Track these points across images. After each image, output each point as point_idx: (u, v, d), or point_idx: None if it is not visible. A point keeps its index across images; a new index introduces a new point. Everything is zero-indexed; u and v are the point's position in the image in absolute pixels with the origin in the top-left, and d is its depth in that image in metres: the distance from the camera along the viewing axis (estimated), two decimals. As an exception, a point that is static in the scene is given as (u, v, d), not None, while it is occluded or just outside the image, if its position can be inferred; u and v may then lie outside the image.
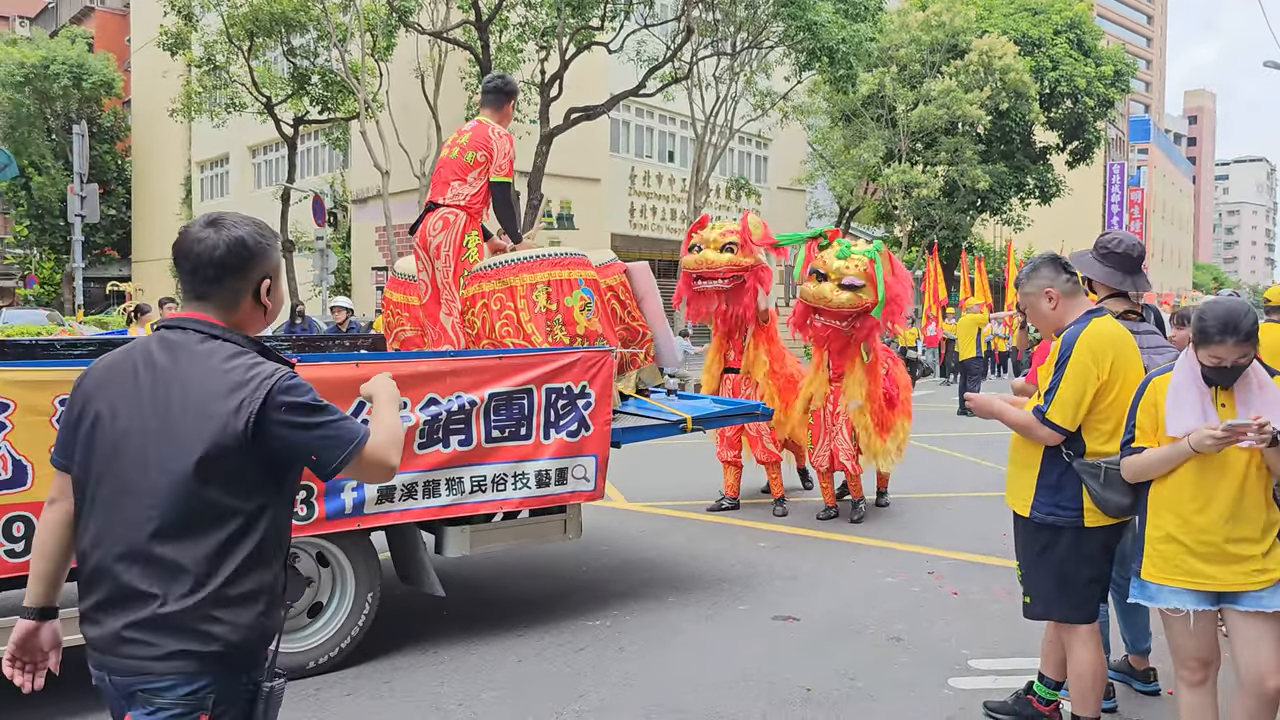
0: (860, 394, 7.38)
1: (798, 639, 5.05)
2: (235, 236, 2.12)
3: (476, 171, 5.33)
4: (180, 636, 1.96)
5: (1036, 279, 3.69)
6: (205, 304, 2.14)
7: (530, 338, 5.14)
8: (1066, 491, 3.53)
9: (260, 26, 22.96)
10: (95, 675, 2.05)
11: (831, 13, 19.72)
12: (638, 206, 28.06)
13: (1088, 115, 32.72)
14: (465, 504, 4.69)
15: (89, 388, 2.14)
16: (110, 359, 2.16)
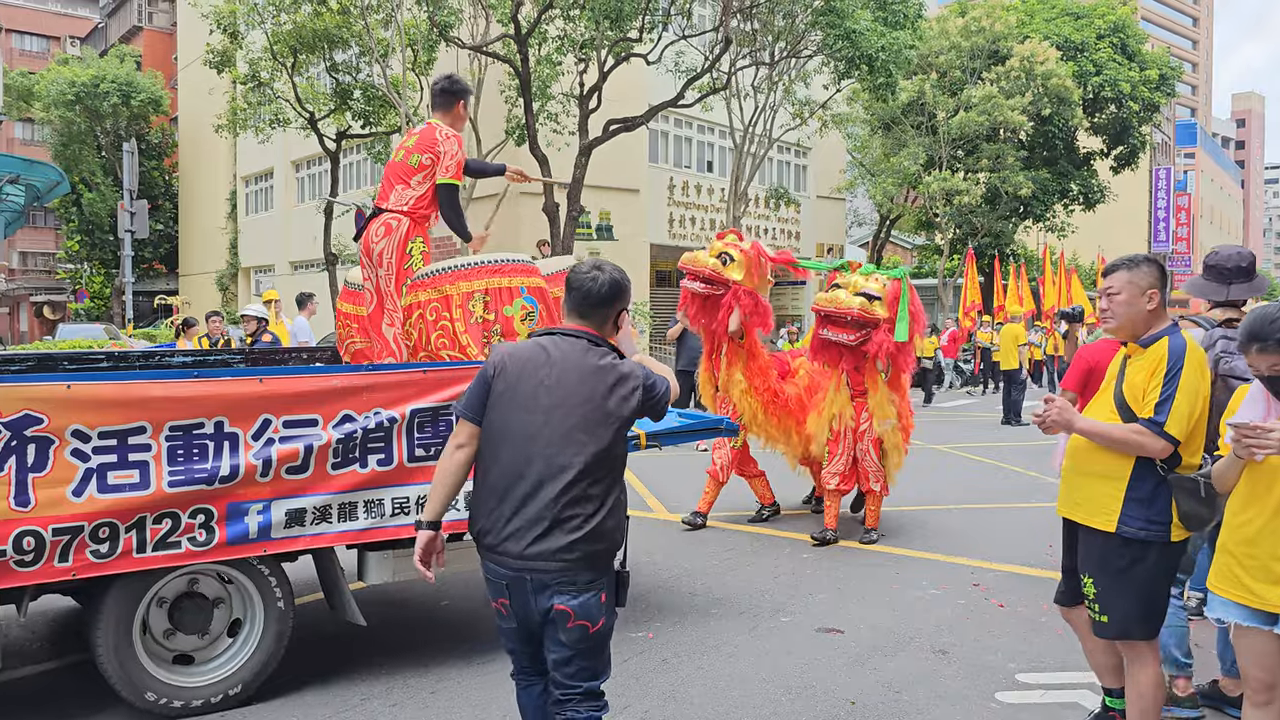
0: (892, 413, 7.29)
1: (841, 651, 5.02)
2: (613, 278, 3.13)
3: (421, 175, 5.15)
4: (591, 543, 2.91)
5: (1145, 274, 3.50)
6: (586, 321, 3.11)
7: (466, 350, 4.87)
8: (1158, 505, 3.42)
9: (304, 43, 23.29)
10: (509, 576, 2.93)
11: (870, 21, 19.63)
12: (677, 217, 28.09)
13: (1132, 120, 32.27)
14: (386, 528, 4.38)
15: (503, 366, 3.04)
16: (518, 348, 3.09)
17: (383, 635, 5.27)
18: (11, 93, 37.09)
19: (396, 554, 4.60)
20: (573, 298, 3.12)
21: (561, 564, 2.89)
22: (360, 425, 4.30)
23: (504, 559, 2.94)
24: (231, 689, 4.25)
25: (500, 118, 21.41)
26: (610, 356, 3.05)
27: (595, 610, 2.95)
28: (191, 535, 3.98)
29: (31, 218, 36.32)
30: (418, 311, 5.01)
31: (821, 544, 7.28)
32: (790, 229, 31.77)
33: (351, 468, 4.29)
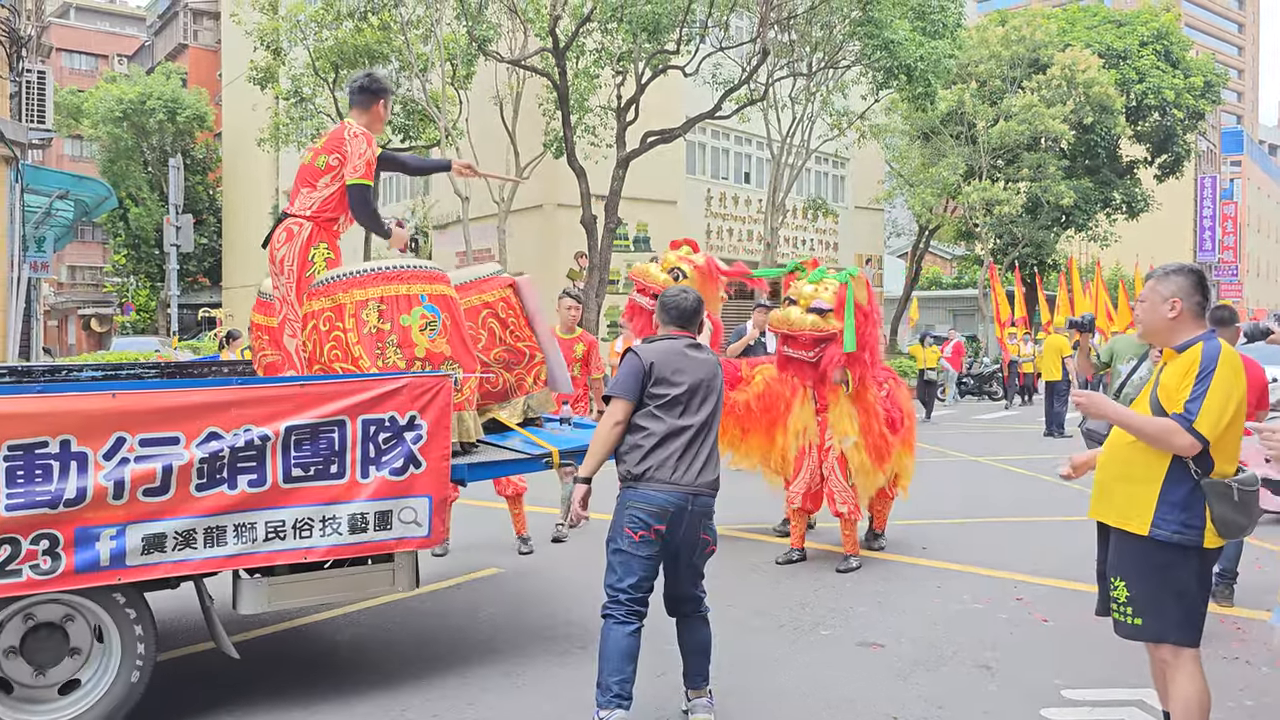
0: (852, 429, 6.77)
1: (883, 665, 4.97)
2: (696, 296, 4.26)
3: (329, 176, 4.92)
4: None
5: (1169, 283, 3.57)
6: (686, 328, 4.23)
7: (358, 362, 4.59)
8: (1193, 510, 3.40)
9: (345, 59, 23.60)
10: (685, 503, 3.98)
11: (909, 30, 19.54)
12: (714, 228, 28.06)
13: (1177, 128, 31.87)
14: (258, 553, 4.06)
15: (652, 358, 4.04)
16: (660, 347, 4.09)
17: (423, 646, 5.29)
18: (61, 110, 37.86)
19: (273, 582, 4.30)
20: (669, 313, 4.23)
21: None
22: (228, 443, 3.97)
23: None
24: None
25: (539, 131, 21.53)
26: (710, 353, 4.26)
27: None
28: (34, 563, 3.66)
29: (80, 232, 36.98)
30: (312, 322, 4.75)
31: (788, 562, 7.05)
32: (828, 240, 31.63)
33: (219, 489, 3.97)
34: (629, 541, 3.96)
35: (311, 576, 4.45)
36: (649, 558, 3.99)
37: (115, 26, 60.59)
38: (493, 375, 5.33)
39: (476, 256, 22.47)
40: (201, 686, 4.70)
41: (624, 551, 3.99)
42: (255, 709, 4.38)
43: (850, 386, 6.75)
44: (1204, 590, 3.52)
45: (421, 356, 4.64)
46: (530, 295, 5.57)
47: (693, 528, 4.02)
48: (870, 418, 6.85)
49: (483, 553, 7.30)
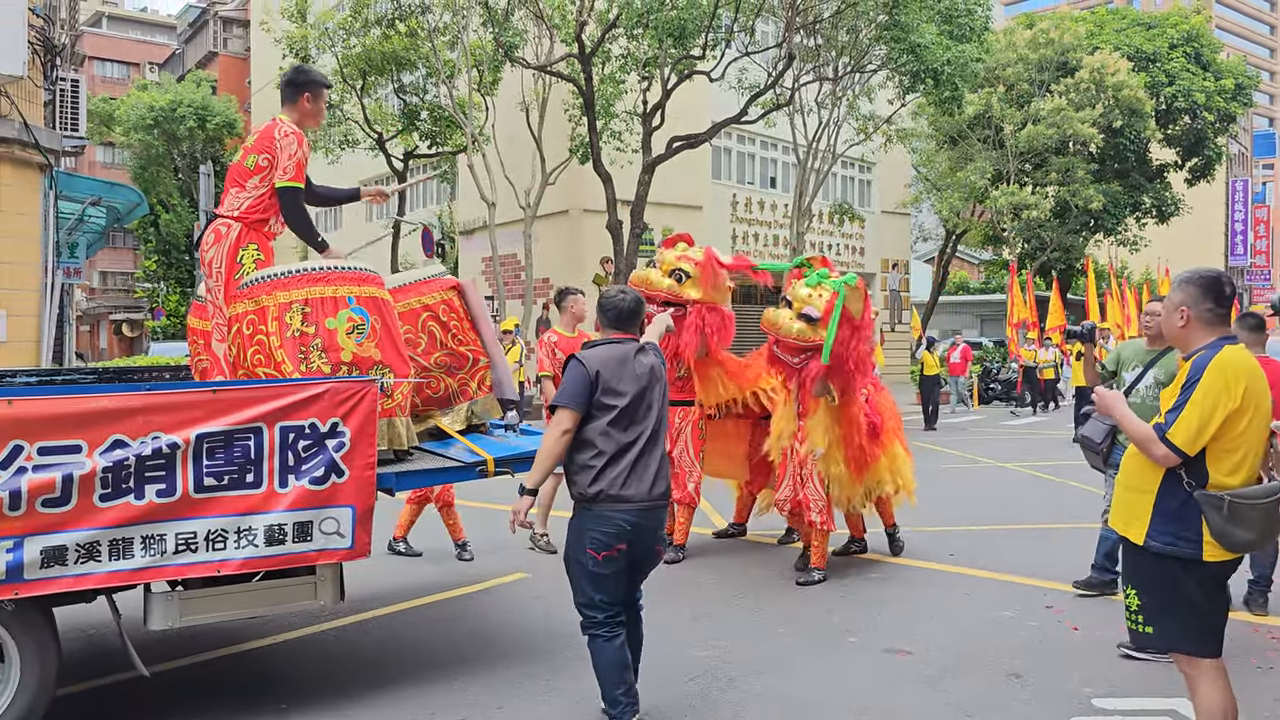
0: (822, 440, 6.51)
1: (911, 673, 4.94)
2: (634, 297, 4.22)
3: (258, 177, 4.72)
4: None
5: (1178, 292, 3.57)
6: (628, 330, 4.17)
7: (280, 367, 4.40)
8: (1187, 521, 3.38)
9: (372, 66, 23.77)
10: (642, 519, 3.96)
11: (935, 34, 19.44)
12: (740, 233, 28.03)
13: (1207, 131, 31.51)
14: (168, 566, 3.87)
15: (598, 367, 3.95)
16: (604, 354, 4.01)
17: (452, 649, 5.31)
18: (94, 118, 38.31)
19: (184, 596, 4.13)
20: (607, 314, 4.16)
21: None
22: (134, 452, 3.78)
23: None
24: None
25: (564, 136, 21.59)
26: (652, 349, 4.23)
27: None
28: None
29: (111, 238, 37.40)
30: (236, 325, 4.58)
31: (809, 582, 6.71)
32: (854, 244, 31.52)
33: (125, 499, 3.77)
34: (594, 561, 3.93)
35: (225, 590, 4.23)
36: (616, 573, 3.98)
37: (147, 35, 61.26)
38: (433, 380, 5.19)
39: (503, 262, 22.56)
40: (228, 690, 4.74)
41: (591, 571, 3.95)
42: (285, 710, 4.41)
43: (834, 399, 6.46)
44: (1216, 602, 3.48)
45: (348, 361, 4.46)
46: (476, 298, 5.39)
47: (649, 541, 4.03)
48: (851, 429, 6.56)
49: (510, 557, 7.31)
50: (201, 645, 5.31)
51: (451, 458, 4.85)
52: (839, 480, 6.63)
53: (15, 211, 11.67)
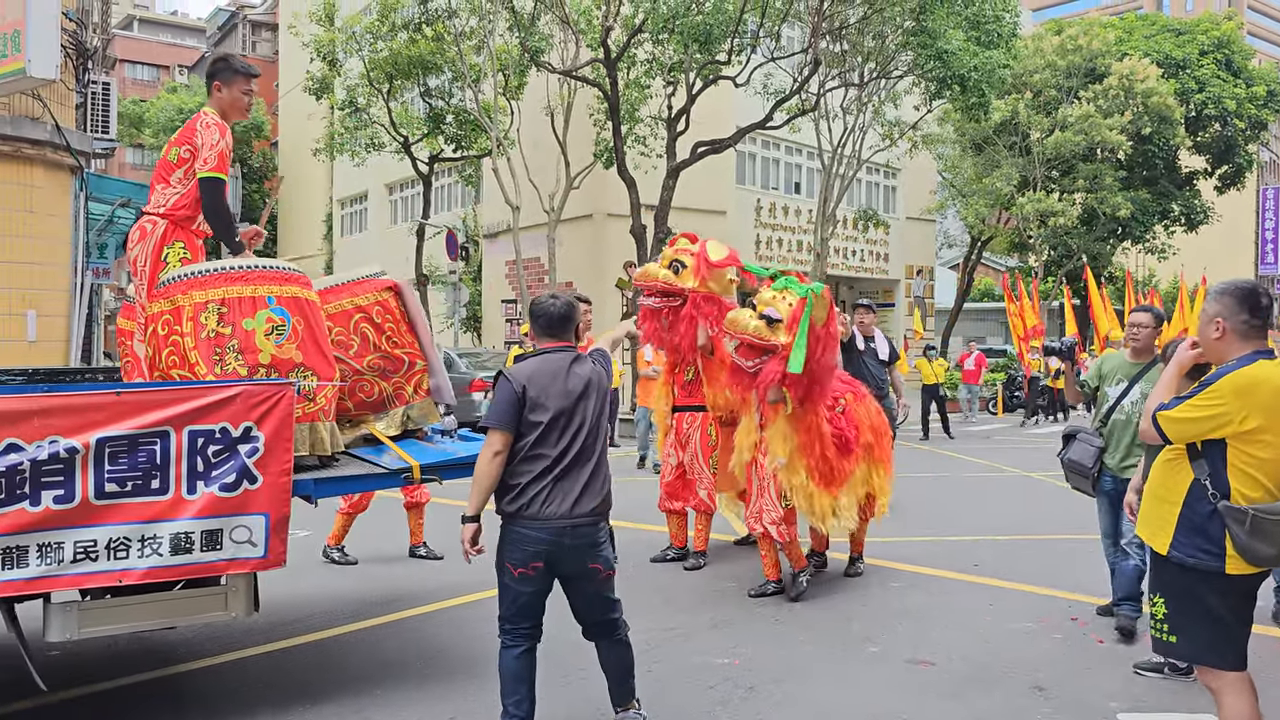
0: (783, 450, 6.16)
1: (932, 684, 4.90)
2: (565, 302, 4.05)
3: (182, 170, 4.56)
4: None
5: (1214, 304, 3.52)
6: (560, 337, 4.01)
7: (194, 369, 4.24)
8: (1210, 534, 3.37)
9: (399, 70, 23.91)
10: (560, 538, 3.81)
11: (962, 40, 19.37)
12: (764, 238, 27.99)
13: (1238, 138, 31.20)
14: (65, 576, 3.71)
15: (524, 381, 3.83)
16: (532, 368, 3.89)
17: (473, 650, 5.32)
18: (124, 120, 38.70)
19: (83, 607, 3.95)
20: (537, 322, 4.02)
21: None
22: (29, 456, 3.62)
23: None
24: None
25: (589, 141, 21.64)
26: (585, 360, 4.04)
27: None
28: None
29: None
30: (152, 326, 4.42)
31: (760, 595, 6.49)
32: (879, 250, 31.40)
33: (18, 505, 3.61)
34: (510, 576, 3.85)
35: (129, 601, 4.01)
36: (533, 591, 3.87)
37: (176, 38, 61.87)
38: (366, 383, 5.02)
39: (526, 266, 22.61)
40: (252, 690, 4.76)
41: (507, 584, 3.88)
42: (307, 712, 4.43)
43: (789, 407, 6.10)
44: (1240, 614, 3.45)
45: (266, 363, 4.29)
46: (413, 300, 5.22)
47: (576, 560, 3.87)
48: (812, 438, 6.17)
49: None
50: (225, 646, 5.35)
51: (380, 464, 4.69)
52: (801, 492, 6.19)
53: (46, 213, 11.81)
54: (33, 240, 11.52)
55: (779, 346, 5.89)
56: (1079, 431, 5.87)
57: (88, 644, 4.86)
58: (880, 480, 6.90)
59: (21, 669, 3.85)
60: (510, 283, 26.00)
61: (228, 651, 5.30)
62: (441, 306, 25.84)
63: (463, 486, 6.85)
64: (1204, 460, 3.41)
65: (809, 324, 5.87)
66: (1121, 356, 5.79)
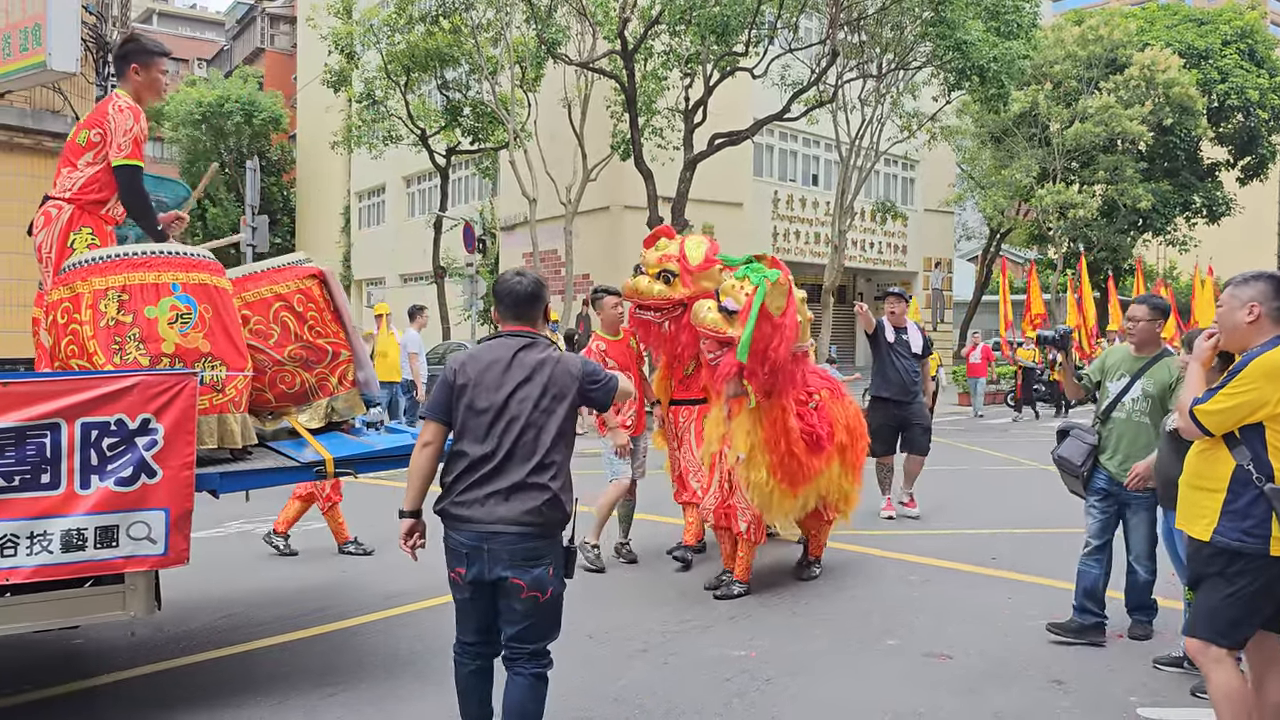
0: (743, 445, 5.97)
1: (950, 678, 4.88)
2: (533, 280, 3.69)
3: (91, 154, 4.42)
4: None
5: (1248, 289, 3.57)
6: (524, 320, 3.65)
7: (93, 358, 4.07)
8: (1256, 517, 3.43)
9: (416, 62, 23.92)
10: (479, 543, 3.41)
11: (982, 31, 19.22)
12: (781, 230, 27.91)
13: (1261, 129, 30.85)
14: None
15: (457, 368, 3.55)
16: (478, 354, 3.58)
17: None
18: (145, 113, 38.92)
19: None
20: (503, 303, 3.68)
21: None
22: None
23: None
24: None
25: (606, 133, 21.61)
26: (551, 349, 3.64)
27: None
28: None
29: (159, 232, 37.98)
30: (52, 314, 4.26)
31: (715, 589, 6.39)
32: (897, 243, 31.27)
33: None
34: (449, 580, 3.57)
35: (18, 601, 3.83)
36: (465, 599, 3.55)
37: (195, 31, 62.15)
38: (287, 374, 4.82)
39: (543, 258, 22.63)
40: (281, 676, 4.79)
41: (451, 589, 3.62)
42: (333, 694, 4.46)
43: (752, 400, 5.92)
44: (1265, 597, 3.49)
45: (170, 353, 4.12)
46: (338, 288, 5.04)
47: (496, 572, 3.41)
48: (778, 433, 5.97)
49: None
50: (257, 634, 5.38)
51: (296, 458, 4.53)
52: (759, 488, 6.00)
53: (67, 205, 11.86)
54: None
55: (734, 339, 5.67)
56: (1073, 427, 5.67)
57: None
58: (849, 486, 6.71)
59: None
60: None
61: (243, 643, 5.34)
62: (459, 299, 25.87)
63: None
64: (1244, 446, 3.47)
65: (760, 312, 5.60)
66: (1126, 350, 5.50)
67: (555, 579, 3.49)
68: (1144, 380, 5.26)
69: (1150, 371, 5.26)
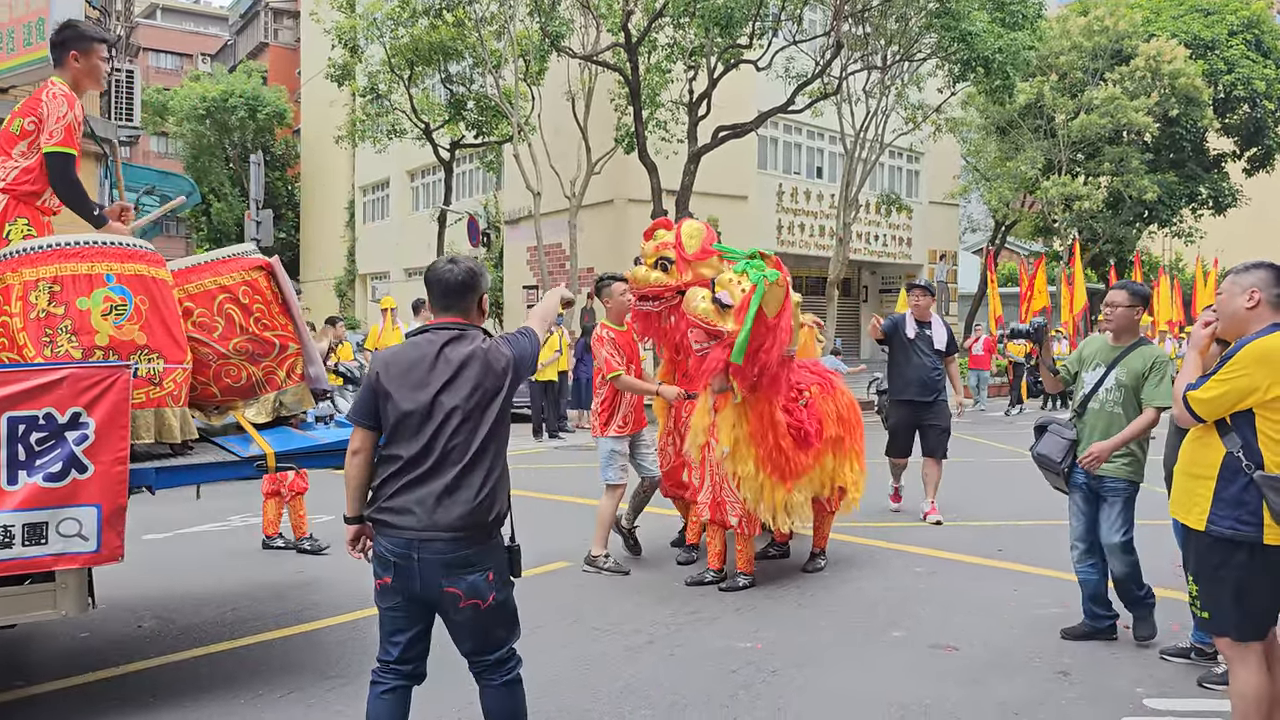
0: (728, 439, 5.92)
1: (956, 669, 4.88)
2: (465, 269, 3.36)
3: (25, 143, 4.31)
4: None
5: (1249, 276, 3.60)
6: (454, 310, 3.36)
7: (23, 351, 3.96)
8: (1248, 505, 3.45)
9: (420, 56, 23.94)
10: (409, 551, 3.18)
11: (987, 22, 19.16)
12: (785, 223, 27.87)
13: (1268, 120, 30.71)
14: None
15: (379, 368, 3.29)
16: (402, 350, 3.31)
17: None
18: (148, 109, 38.92)
19: None
20: (433, 292, 3.38)
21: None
22: None
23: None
24: None
25: (610, 126, 21.59)
26: (481, 338, 3.35)
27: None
28: None
29: (164, 227, 38.05)
30: None
31: (698, 584, 6.37)
32: (902, 235, 31.22)
33: None
34: (374, 588, 3.32)
35: None
36: (390, 609, 3.29)
37: (199, 26, 62.14)
38: (233, 368, 4.67)
39: (547, 252, 22.63)
40: (289, 666, 4.81)
41: (375, 599, 3.36)
42: (335, 682, 4.47)
43: (738, 395, 5.88)
44: (1269, 585, 3.51)
45: (104, 345, 4.01)
46: (286, 280, 4.89)
47: (429, 582, 3.18)
48: (765, 426, 5.94)
49: (552, 544, 7.34)
50: (263, 626, 5.40)
51: (237, 453, 4.44)
52: (750, 483, 5.95)
53: (72, 200, 11.89)
54: (59, 227, 11.61)
55: (724, 334, 5.63)
56: (1051, 422, 5.37)
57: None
58: (853, 474, 6.69)
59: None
60: (532, 269, 26.03)
61: (248, 635, 5.35)
62: (463, 293, 25.88)
63: (523, 478, 6.81)
64: (1234, 433, 3.48)
65: (757, 314, 5.54)
66: (1104, 340, 5.28)
67: (497, 583, 3.26)
68: (1118, 370, 5.06)
69: (1125, 361, 5.05)
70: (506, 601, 3.33)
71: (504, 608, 3.32)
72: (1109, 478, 5.09)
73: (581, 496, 9.28)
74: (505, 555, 3.35)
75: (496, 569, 3.27)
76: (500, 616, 3.31)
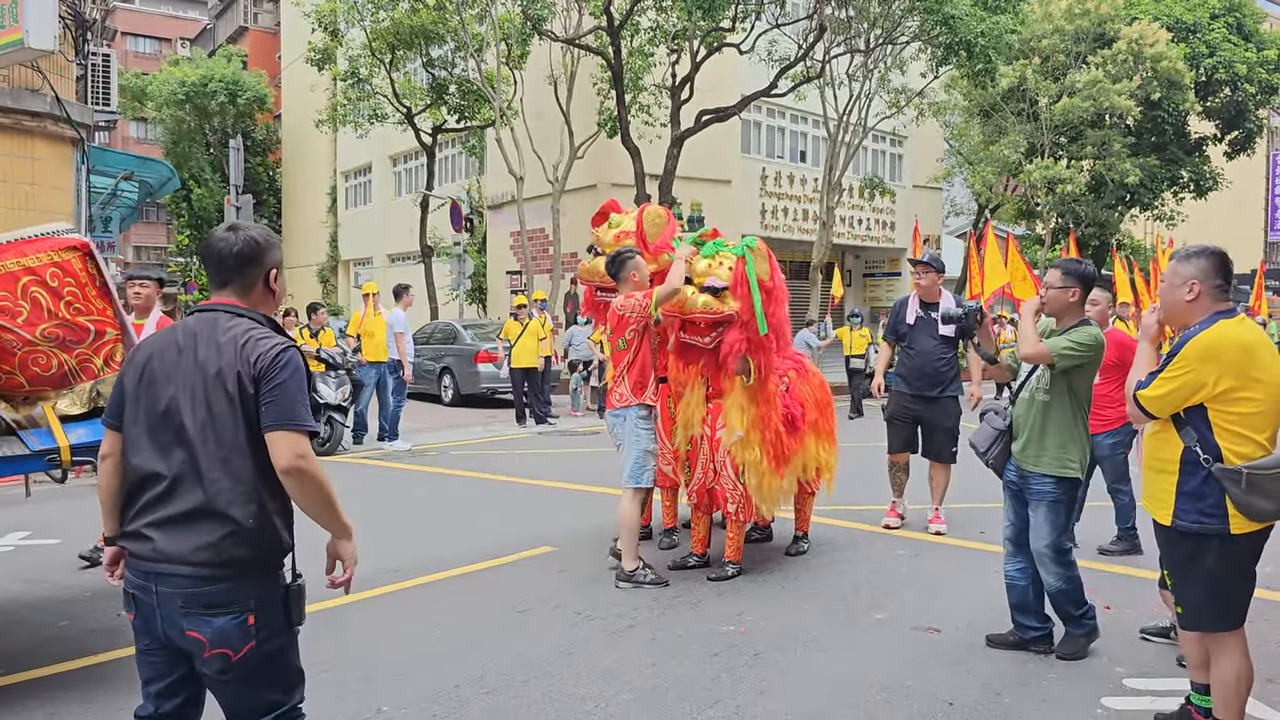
0: (741, 423, 5.84)
1: (939, 650, 4.90)
2: (245, 238, 2.72)
3: None
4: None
5: (1189, 266, 3.56)
6: (230, 287, 2.72)
7: None
8: (1210, 499, 3.44)
9: (401, 40, 23.77)
10: (147, 583, 2.59)
11: (969, 5, 19.16)
12: (769, 207, 27.86)
13: (1248, 103, 30.84)
14: None
15: (130, 361, 2.73)
16: (157, 338, 2.71)
17: (479, 622, 5.32)
18: (126, 93, 38.53)
19: None
20: (206, 266, 2.76)
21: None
22: None
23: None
24: None
25: (593, 110, 21.52)
26: (249, 326, 2.66)
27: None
28: None
29: (144, 212, 37.72)
30: None
31: (681, 568, 6.31)
32: (885, 219, 31.25)
33: None
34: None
35: None
36: (142, 653, 2.69)
37: (178, 10, 61.55)
38: (40, 355, 4.35)
39: (530, 236, 22.55)
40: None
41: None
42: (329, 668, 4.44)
43: (751, 377, 5.80)
44: (1244, 577, 3.53)
45: None
46: (104, 263, 4.58)
47: (170, 623, 2.57)
48: (770, 409, 5.91)
49: (535, 529, 7.32)
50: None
51: (29, 445, 4.22)
52: (754, 468, 5.90)
53: (49, 185, 11.78)
54: (35, 214, 11.48)
55: (733, 315, 5.65)
56: (988, 410, 5.02)
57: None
58: (826, 455, 6.71)
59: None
60: (515, 254, 25.94)
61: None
62: (447, 278, 25.82)
63: (530, 466, 6.66)
64: (1189, 427, 3.48)
65: (756, 281, 5.63)
66: (1049, 325, 4.83)
67: (257, 630, 2.57)
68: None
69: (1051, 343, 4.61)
70: (274, 654, 2.63)
71: (267, 661, 2.62)
72: (1034, 475, 4.66)
73: (564, 481, 9.26)
74: (281, 594, 2.66)
75: (260, 611, 2.59)
76: (259, 671, 2.61)
